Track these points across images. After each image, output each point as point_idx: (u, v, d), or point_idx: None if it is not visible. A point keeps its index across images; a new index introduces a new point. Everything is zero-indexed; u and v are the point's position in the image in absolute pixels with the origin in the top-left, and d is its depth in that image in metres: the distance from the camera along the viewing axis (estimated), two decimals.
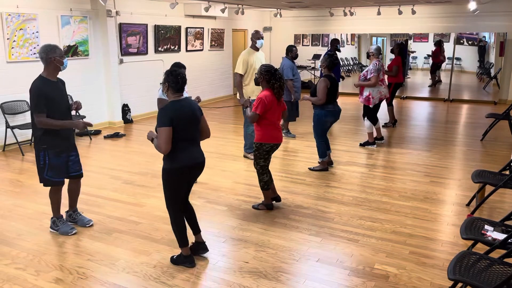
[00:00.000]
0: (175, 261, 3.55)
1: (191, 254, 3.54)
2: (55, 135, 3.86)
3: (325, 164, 5.93)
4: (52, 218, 4.15)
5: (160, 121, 3.20)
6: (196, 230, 3.65)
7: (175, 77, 3.27)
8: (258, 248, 3.79)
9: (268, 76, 4.33)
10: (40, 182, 3.97)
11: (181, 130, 3.25)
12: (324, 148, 5.89)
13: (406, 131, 8.33)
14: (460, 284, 3.01)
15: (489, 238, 3.13)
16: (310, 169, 5.96)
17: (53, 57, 3.78)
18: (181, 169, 3.32)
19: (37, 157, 3.89)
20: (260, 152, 4.44)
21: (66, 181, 4.16)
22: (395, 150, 6.99)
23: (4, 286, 3.23)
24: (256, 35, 6.36)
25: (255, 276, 3.35)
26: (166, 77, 3.29)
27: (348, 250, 3.76)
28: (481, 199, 4.52)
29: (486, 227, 3.26)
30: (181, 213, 3.47)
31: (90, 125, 4.02)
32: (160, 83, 5.07)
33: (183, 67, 5.07)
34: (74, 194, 4.27)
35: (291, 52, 7.52)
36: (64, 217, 4.24)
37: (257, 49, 6.36)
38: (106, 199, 4.93)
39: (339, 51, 9.11)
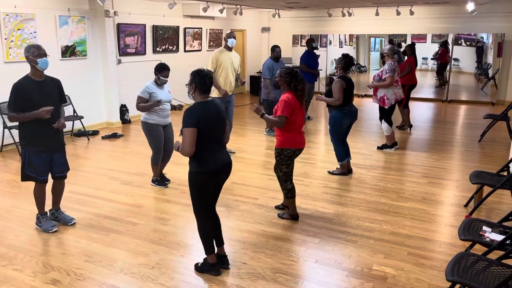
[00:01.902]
0: (200, 269, 3.44)
1: (217, 263, 3.41)
2: (34, 135, 3.91)
3: (345, 168, 5.81)
4: (37, 214, 4.22)
5: (186, 122, 3.11)
6: (219, 242, 3.50)
7: (202, 78, 3.20)
8: (256, 249, 3.79)
9: (289, 78, 4.14)
10: (22, 178, 4.05)
11: (207, 131, 3.16)
12: (342, 152, 5.76)
13: (404, 132, 8.34)
14: (458, 286, 3.01)
15: (487, 239, 3.13)
16: (329, 172, 5.87)
17: (27, 56, 3.83)
18: (210, 172, 3.22)
19: (21, 153, 4.02)
20: (282, 158, 4.25)
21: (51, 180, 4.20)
22: (393, 151, 6.99)
23: (1, 287, 3.22)
24: (228, 35, 6.46)
25: (253, 277, 3.35)
26: (193, 78, 3.22)
27: (346, 251, 3.76)
28: (479, 200, 4.52)
29: (484, 228, 3.26)
30: (209, 219, 3.38)
31: (50, 110, 3.85)
32: (158, 82, 5.09)
33: (167, 68, 5.08)
34: (57, 194, 4.32)
35: (273, 52, 7.73)
36: (48, 215, 4.29)
37: (229, 49, 6.45)
38: (104, 200, 4.92)
39: (317, 48, 9.50)
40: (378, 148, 7.12)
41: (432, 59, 13.30)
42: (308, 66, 8.92)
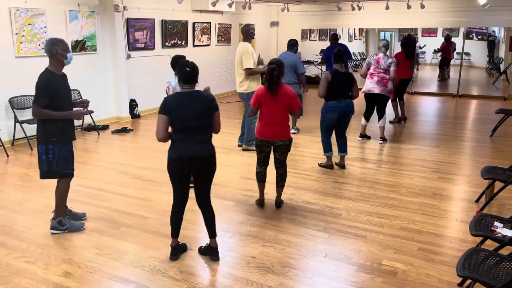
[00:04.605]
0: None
1: (175, 247, 3.58)
2: (63, 126, 3.82)
3: (330, 161, 5.84)
4: (58, 218, 3.98)
5: (160, 107, 3.31)
6: (211, 234, 3.58)
7: (182, 67, 3.31)
8: (266, 244, 3.79)
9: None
10: (45, 177, 3.85)
11: (176, 121, 3.28)
12: (325, 144, 5.79)
13: (414, 127, 8.28)
14: (468, 281, 3.00)
15: (499, 234, 3.11)
16: (319, 164, 5.93)
17: (55, 50, 3.74)
18: (173, 159, 3.35)
19: (45, 151, 3.77)
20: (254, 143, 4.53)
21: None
22: (403, 146, 6.95)
23: (14, 279, 3.27)
24: (252, 29, 6.40)
25: (263, 271, 3.36)
26: (178, 70, 3.34)
27: (355, 246, 3.75)
28: (490, 196, 4.48)
29: (496, 223, 3.24)
30: (176, 204, 3.53)
31: (87, 112, 4.01)
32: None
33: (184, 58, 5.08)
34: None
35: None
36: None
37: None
38: (114, 194, 4.96)
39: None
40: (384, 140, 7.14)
41: (434, 52, 13.18)
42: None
